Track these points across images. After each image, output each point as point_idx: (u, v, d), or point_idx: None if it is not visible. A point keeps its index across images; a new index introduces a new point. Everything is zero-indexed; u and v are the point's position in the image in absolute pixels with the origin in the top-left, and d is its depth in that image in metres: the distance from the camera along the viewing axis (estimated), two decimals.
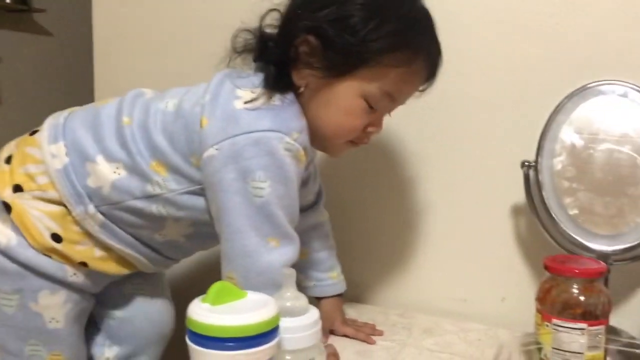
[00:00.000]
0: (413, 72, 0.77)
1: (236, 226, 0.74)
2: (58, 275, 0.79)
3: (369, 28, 0.73)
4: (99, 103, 0.84)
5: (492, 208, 1.03)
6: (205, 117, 0.75)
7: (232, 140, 0.73)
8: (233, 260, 0.75)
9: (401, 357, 0.87)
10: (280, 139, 0.73)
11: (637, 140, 0.88)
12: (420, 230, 1.09)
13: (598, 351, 0.76)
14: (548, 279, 0.80)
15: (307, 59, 0.76)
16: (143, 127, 0.78)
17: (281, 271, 0.71)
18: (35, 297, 0.78)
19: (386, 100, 0.78)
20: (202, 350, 0.55)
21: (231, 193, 0.73)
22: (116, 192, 0.78)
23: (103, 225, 0.79)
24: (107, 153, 0.78)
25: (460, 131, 1.04)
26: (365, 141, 0.83)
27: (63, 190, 0.77)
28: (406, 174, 1.09)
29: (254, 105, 0.74)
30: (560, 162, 0.91)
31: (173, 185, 0.77)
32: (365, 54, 0.74)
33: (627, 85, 0.89)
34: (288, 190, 0.75)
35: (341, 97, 0.76)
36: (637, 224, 0.88)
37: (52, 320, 0.80)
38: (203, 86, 0.79)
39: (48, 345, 0.80)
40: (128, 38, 1.28)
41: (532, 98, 0.99)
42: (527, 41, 0.99)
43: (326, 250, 0.97)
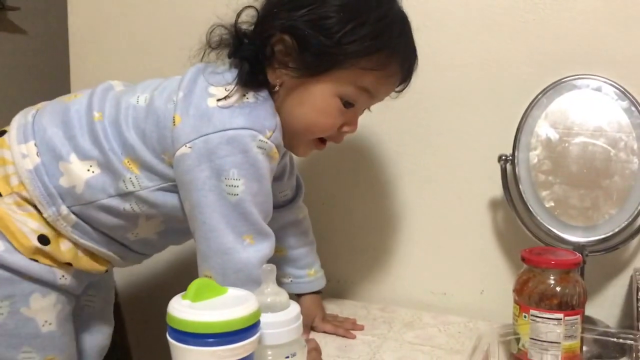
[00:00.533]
0: (388, 74, 0.78)
1: (212, 224, 0.74)
2: (48, 278, 0.77)
3: (345, 30, 0.73)
4: (68, 98, 0.82)
5: (470, 202, 1.04)
6: (177, 114, 0.74)
7: (205, 138, 0.73)
8: (210, 258, 0.75)
9: (382, 351, 0.88)
10: (254, 137, 0.73)
11: (610, 133, 0.90)
12: (400, 226, 1.10)
13: (574, 340, 0.78)
14: (525, 270, 0.81)
15: (282, 58, 0.76)
16: (114, 123, 0.77)
17: (258, 268, 0.73)
18: (27, 301, 0.76)
19: (363, 97, 0.78)
20: (183, 346, 0.55)
21: (205, 191, 0.73)
22: (90, 190, 0.76)
23: (75, 225, 0.78)
24: (79, 151, 0.76)
25: (438, 127, 1.05)
26: (339, 140, 0.83)
27: (34, 192, 0.75)
28: (386, 169, 1.09)
29: (227, 102, 0.74)
30: (536, 156, 0.92)
31: (145, 183, 0.77)
32: (341, 57, 0.74)
33: (600, 80, 0.91)
34: (261, 187, 0.75)
35: (316, 97, 0.77)
36: (611, 216, 0.89)
37: (46, 324, 0.78)
38: (176, 80, 0.79)
39: (42, 350, 0.78)
40: (104, 35, 1.27)
41: (508, 93, 1.00)
42: (504, 37, 1.00)
43: (304, 247, 0.97)
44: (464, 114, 1.03)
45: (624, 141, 0.89)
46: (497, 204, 1.03)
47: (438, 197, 1.07)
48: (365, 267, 1.13)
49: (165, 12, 1.21)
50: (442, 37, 1.03)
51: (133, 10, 1.24)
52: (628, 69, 0.93)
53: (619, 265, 0.98)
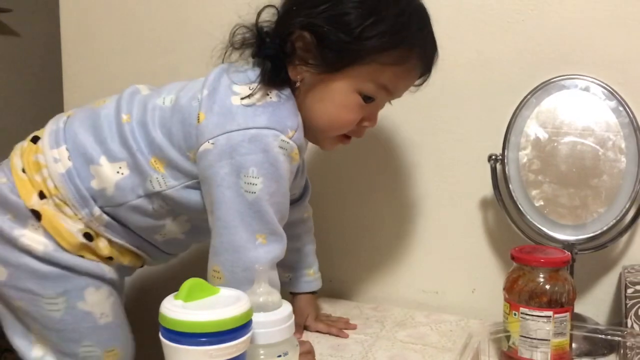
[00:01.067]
0: (408, 69, 0.78)
1: (226, 220, 0.75)
2: (97, 272, 0.81)
3: (363, 26, 0.74)
4: (97, 103, 0.84)
5: (461, 201, 1.05)
6: (202, 112, 0.76)
7: (228, 135, 0.74)
8: (220, 254, 0.76)
9: (374, 349, 0.89)
10: (276, 136, 0.74)
11: (599, 133, 0.91)
12: (393, 226, 1.11)
13: (564, 338, 0.79)
14: (515, 269, 0.82)
15: (302, 55, 0.76)
16: (142, 123, 0.79)
17: (267, 268, 0.74)
18: (83, 296, 0.79)
19: (382, 93, 0.79)
20: (176, 346, 0.56)
21: (224, 187, 0.74)
22: (120, 192, 0.79)
23: (108, 225, 0.80)
24: (109, 154, 0.79)
25: (428, 126, 1.06)
26: (360, 135, 0.83)
27: (67, 194, 0.78)
28: (377, 170, 1.10)
29: (250, 101, 0.75)
30: (526, 155, 0.93)
31: (171, 182, 0.78)
32: (360, 52, 0.75)
33: (589, 80, 0.92)
34: (280, 187, 0.76)
35: (336, 92, 0.77)
36: (600, 214, 0.90)
37: (102, 316, 0.81)
38: (200, 81, 0.80)
39: (102, 343, 0.81)
40: (96, 37, 1.27)
41: (497, 93, 1.01)
42: (493, 37, 1.01)
43: (306, 247, 0.98)
44: (454, 114, 1.04)
45: (612, 140, 0.90)
46: (488, 203, 1.04)
47: (429, 196, 1.07)
48: (358, 266, 1.14)
49: (157, 14, 1.22)
50: None
51: (125, 12, 1.24)
52: (616, 69, 0.94)
53: (607, 263, 0.99)
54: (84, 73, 1.29)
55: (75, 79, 1.30)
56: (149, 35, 1.23)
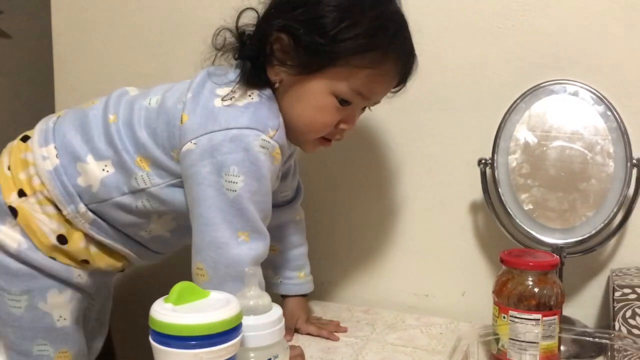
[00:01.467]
0: (382, 73, 0.79)
1: (208, 218, 0.76)
2: (65, 276, 0.82)
3: (338, 29, 0.75)
4: (86, 104, 0.86)
5: (451, 205, 1.06)
6: (185, 113, 0.77)
7: (210, 135, 0.75)
8: (203, 251, 0.77)
9: (365, 352, 0.89)
10: (257, 136, 0.75)
11: (587, 137, 0.92)
12: (383, 229, 1.11)
13: (552, 340, 0.79)
14: (504, 272, 0.83)
15: (280, 57, 0.78)
16: (128, 123, 0.81)
17: (249, 265, 0.75)
18: (45, 297, 0.81)
19: (357, 97, 0.80)
20: (166, 349, 0.56)
21: (205, 186, 0.75)
22: (105, 189, 0.80)
23: (93, 222, 0.82)
24: (96, 152, 0.81)
25: (418, 131, 1.06)
26: (338, 137, 0.84)
27: (54, 191, 0.80)
28: (368, 173, 1.11)
29: (232, 102, 0.77)
30: (515, 160, 0.94)
31: (156, 180, 0.80)
32: (334, 54, 0.76)
33: (577, 85, 0.93)
34: (261, 186, 0.77)
35: (312, 94, 0.79)
36: (588, 218, 0.91)
37: (60, 319, 0.83)
38: (187, 83, 0.82)
39: (56, 344, 0.83)
40: (87, 39, 1.27)
41: (487, 98, 1.02)
42: (483, 42, 1.02)
43: (297, 249, 0.98)
44: (445, 119, 1.05)
45: (600, 145, 0.91)
46: (478, 206, 1.05)
47: (420, 200, 1.08)
48: (349, 269, 1.14)
49: (148, 16, 1.22)
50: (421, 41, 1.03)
51: (116, 14, 1.24)
52: (604, 75, 0.95)
53: (596, 267, 1.00)
54: (76, 75, 1.29)
55: (67, 81, 1.30)
56: (141, 38, 1.23)
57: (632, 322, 0.84)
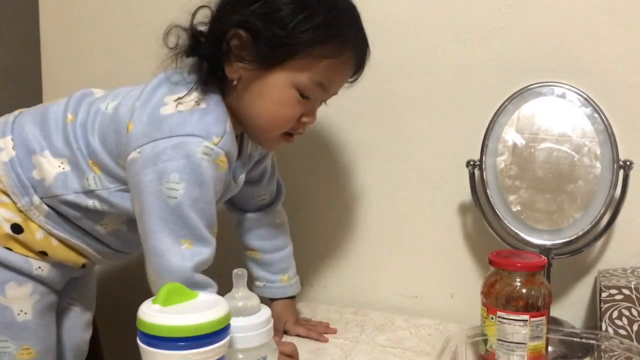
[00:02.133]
0: (341, 62, 0.79)
1: (149, 226, 0.75)
2: (24, 268, 0.81)
3: (297, 20, 0.75)
4: (49, 102, 0.86)
5: (439, 206, 1.06)
6: (131, 122, 0.77)
7: (153, 144, 0.75)
8: (148, 258, 0.77)
9: (354, 353, 0.89)
10: (200, 143, 0.75)
11: (575, 139, 0.92)
12: (372, 230, 1.11)
13: (540, 341, 0.80)
14: (492, 273, 0.83)
15: (238, 53, 0.78)
16: (83, 126, 0.81)
17: (194, 272, 0.75)
18: (3, 289, 0.80)
19: (318, 89, 0.80)
20: (154, 350, 0.56)
21: (147, 194, 0.75)
22: (57, 184, 0.80)
23: (48, 215, 0.81)
24: (53, 149, 0.80)
25: (407, 132, 1.07)
26: (300, 131, 0.84)
27: (8, 182, 0.79)
28: (357, 175, 1.11)
29: (176, 108, 0.76)
30: (504, 161, 0.94)
31: (106, 184, 0.80)
32: (294, 46, 0.76)
33: (565, 87, 0.94)
34: (203, 193, 0.76)
35: (273, 88, 0.78)
36: (575, 219, 0.92)
37: (21, 313, 0.81)
38: (140, 89, 0.81)
39: (18, 340, 0.81)
40: (75, 39, 1.27)
41: (475, 99, 1.02)
42: (471, 45, 1.02)
43: (278, 252, 0.98)
44: (433, 120, 1.05)
45: (587, 147, 0.92)
46: (466, 208, 1.05)
47: (409, 201, 1.08)
48: (338, 271, 1.14)
49: (136, 16, 1.21)
50: (411, 44, 1.05)
51: (104, 14, 1.24)
52: (591, 77, 0.96)
53: (583, 268, 1.00)
54: (63, 75, 1.28)
55: (55, 81, 1.29)
56: (129, 39, 1.22)
57: (619, 323, 0.85)
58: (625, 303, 0.84)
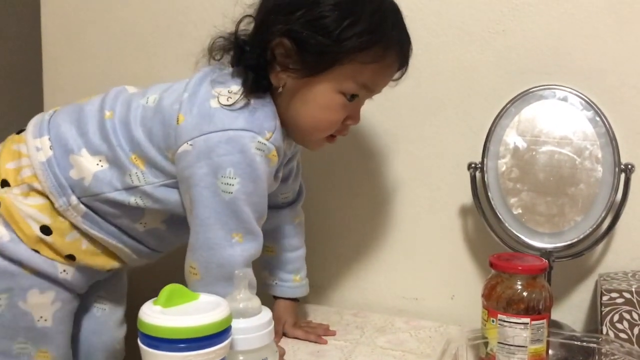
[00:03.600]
0: (386, 65, 0.80)
1: (203, 219, 0.76)
2: (49, 271, 0.81)
3: (341, 28, 0.75)
4: (83, 100, 0.86)
5: (440, 209, 1.06)
6: (182, 114, 0.77)
7: (206, 137, 0.75)
8: (196, 250, 0.77)
9: (354, 355, 0.89)
10: (253, 138, 0.76)
11: (576, 142, 0.92)
12: (373, 232, 1.11)
13: (540, 344, 0.80)
14: (493, 276, 0.83)
15: (283, 61, 0.78)
16: (124, 121, 0.81)
17: (242, 266, 0.76)
18: (25, 296, 0.80)
19: (363, 91, 0.80)
20: (154, 352, 0.56)
21: (201, 187, 0.76)
22: (97, 183, 0.80)
23: (85, 215, 0.81)
24: (90, 146, 0.80)
25: (409, 134, 1.07)
26: (345, 133, 0.85)
27: (46, 182, 0.79)
28: (358, 177, 1.11)
29: (228, 102, 0.77)
30: (505, 164, 0.94)
31: (150, 178, 0.80)
32: (340, 53, 0.76)
33: (567, 90, 0.94)
34: (257, 188, 0.77)
35: (319, 94, 0.79)
36: (576, 222, 0.92)
37: (41, 319, 0.81)
38: (183, 83, 0.82)
39: (36, 343, 0.82)
40: (76, 37, 1.26)
41: (477, 102, 1.02)
42: (474, 47, 1.02)
43: (295, 252, 0.98)
44: (434, 123, 1.05)
45: (589, 150, 0.92)
46: (467, 210, 1.05)
47: (409, 204, 1.08)
48: (338, 273, 1.14)
49: (138, 17, 1.21)
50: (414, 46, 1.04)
51: (106, 14, 1.23)
52: (593, 80, 0.96)
53: (584, 271, 1.00)
54: (65, 73, 1.28)
55: (56, 81, 1.29)
56: (130, 38, 1.22)
57: (620, 326, 0.85)
58: (626, 307, 0.84)
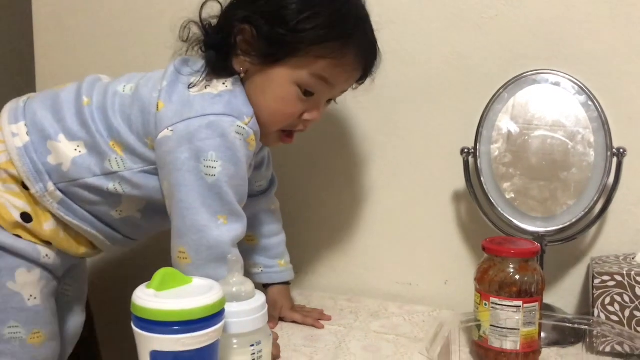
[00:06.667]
0: (343, 64, 0.80)
1: (188, 202, 0.77)
2: (32, 255, 0.81)
3: (299, 19, 0.77)
4: (57, 87, 0.86)
5: (433, 194, 1.07)
6: (161, 101, 0.79)
7: (187, 122, 0.77)
8: (185, 235, 0.78)
9: (348, 340, 0.90)
10: (232, 122, 0.77)
11: (569, 127, 0.93)
12: (366, 218, 1.11)
13: (533, 327, 0.80)
14: (486, 259, 0.84)
15: (244, 47, 0.80)
16: (101, 108, 0.81)
17: (230, 246, 0.77)
18: (13, 275, 0.80)
19: (321, 84, 0.81)
20: (147, 334, 0.56)
21: (184, 171, 0.77)
22: (76, 168, 0.80)
23: (61, 202, 0.81)
24: (68, 132, 0.81)
25: (401, 120, 1.07)
26: (301, 128, 0.85)
27: (23, 168, 0.79)
28: (349, 162, 1.11)
29: (206, 90, 0.79)
30: (498, 149, 0.95)
31: (129, 164, 0.81)
32: (295, 45, 0.78)
33: (560, 75, 0.94)
34: (238, 170, 0.78)
35: (275, 83, 0.80)
36: (569, 207, 0.92)
37: (31, 298, 0.82)
38: (160, 72, 0.83)
39: (28, 324, 0.82)
40: (69, 28, 1.26)
41: (470, 87, 1.02)
42: (466, 32, 1.02)
43: (275, 237, 0.99)
44: (428, 108, 1.05)
45: (581, 134, 0.92)
46: (460, 195, 1.05)
47: (402, 189, 1.08)
48: (332, 258, 1.14)
49: (130, 5, 1.21)
50: (405, 31, 1.04)
51: (98, 3, 1.23)
52: (586, 65, 0.96)
53: (576, 255, 1.01)
54: (56, 61, 1.27)
55: (48, 69, 1.28)
56: (122, 27, 1.22)
57: (611, 309, 0.85)
58: (618, 289, 0.85)
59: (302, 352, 0.85)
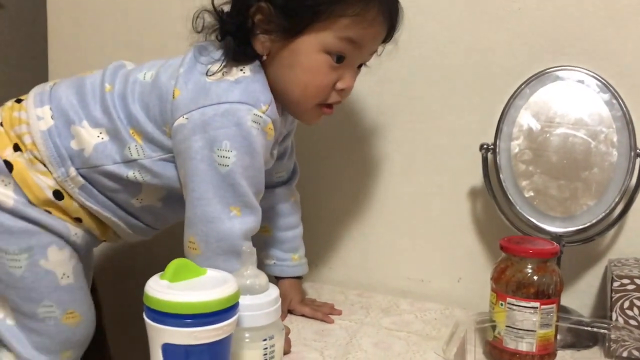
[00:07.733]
0: (368, 20, 0.77)
1: (200, 192, 0.76)
2: (64, 232, 0.81)
3: None
4: (84, 74, 0.86)
5: (450, 190, 1.05)
6: (177, 88, 0.77)
7: (201, 110, 0.75)
8: (195, 225, 0.77)
9: (359, 335, 0.88)
10: (249, 110, 0.75)
11: (591, 125, 0.90)
12: (380, 212, 1.10)
13: (549, 329, 0.79)
14: (503, 259, 0.82)
15: (263, 26, 0.77)
16: (122, 96, 0.81)
17: (241, 239, 0.76)
18: (45, 253, 0.80)
19: (350, 47, 0.78)
20: (160, 327, 0.55)
21: (197, 160, 0.75)
22: (97, 155, 0.80)
23: (83, 187, 0.81)
24: (91, 118, 0.80)
25: (420, 114, 1.05)
26: (338, 100, 0.82)
27: (46, 152, 0.79)
28: (366, 156, 1.09)
29: (223, 76, 0.77)
30: (518, 146, 0.93)
31: (149, 152, 0.80)
32: (316, 7, 0.75)
33: (583, 72, 0.91)
34: (253, 161, 0.77)
35: (302, 55, 0.77)
36: (589, 207, 0.90)
37: (64, 276, 0.81)
38: (179, 59, 0.81)
39: (62, 304, 0.81)
40: (82, 11, 1.25)
41: (491, 82, 1.00)
42: (489, 26, 1.00)
43: (291, 231, 0.97)
44: (447, 102, 1.03)
45: (604, 133, 0.90)
46: (477, 192, 1.03)
47: (419, 184, 1.07)
48: (344, 252, 1.13)
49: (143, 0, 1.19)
50: (427, 25, 1.02)
51: None
52: (610, 62, 0.94)
53: (594, 256, 0.99)
54: (70, 46, 1.26)
55: (61, 53, 1.28)
56: (136, 11, 1.20)
57: (630, 313, 0.83)
58: (637, 293, 0.83)
59: (313, 347, 0.84)
